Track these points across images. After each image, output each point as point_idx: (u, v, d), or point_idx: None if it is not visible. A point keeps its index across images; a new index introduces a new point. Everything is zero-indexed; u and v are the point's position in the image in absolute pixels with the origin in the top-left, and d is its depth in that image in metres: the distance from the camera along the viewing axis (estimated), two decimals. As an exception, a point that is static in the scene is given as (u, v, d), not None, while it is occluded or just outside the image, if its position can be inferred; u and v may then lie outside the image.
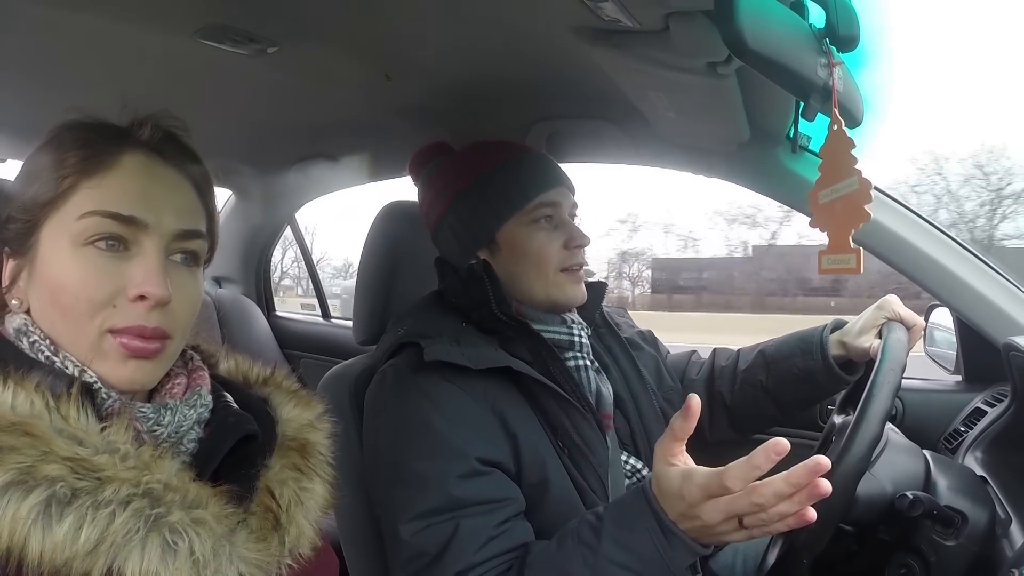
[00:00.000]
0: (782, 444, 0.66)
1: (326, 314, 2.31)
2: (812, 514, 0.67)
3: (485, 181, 1.02)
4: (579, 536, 0.78)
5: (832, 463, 0.77)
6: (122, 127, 0.62)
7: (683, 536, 0.73)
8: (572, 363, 1.02)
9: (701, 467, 0.72)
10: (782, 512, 0.66)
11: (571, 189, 1.07)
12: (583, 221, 1.08)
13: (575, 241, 1.03)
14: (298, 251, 2.38)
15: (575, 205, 1.07)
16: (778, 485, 0.66)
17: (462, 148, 1.10)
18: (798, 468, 0.66)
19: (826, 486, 0.65)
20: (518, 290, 1.02)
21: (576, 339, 1.03)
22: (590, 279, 1.09)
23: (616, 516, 0.78)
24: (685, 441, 0.74)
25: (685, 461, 0.74)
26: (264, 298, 2.30)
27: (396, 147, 1.51)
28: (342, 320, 2.25)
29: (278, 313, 2.34)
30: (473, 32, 0.96)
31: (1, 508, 0.46)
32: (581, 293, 1.04)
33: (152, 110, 0.63)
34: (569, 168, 1.10)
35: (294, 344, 2.23)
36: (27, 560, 0.46)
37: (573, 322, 1.05)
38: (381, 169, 1.72)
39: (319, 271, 2.43)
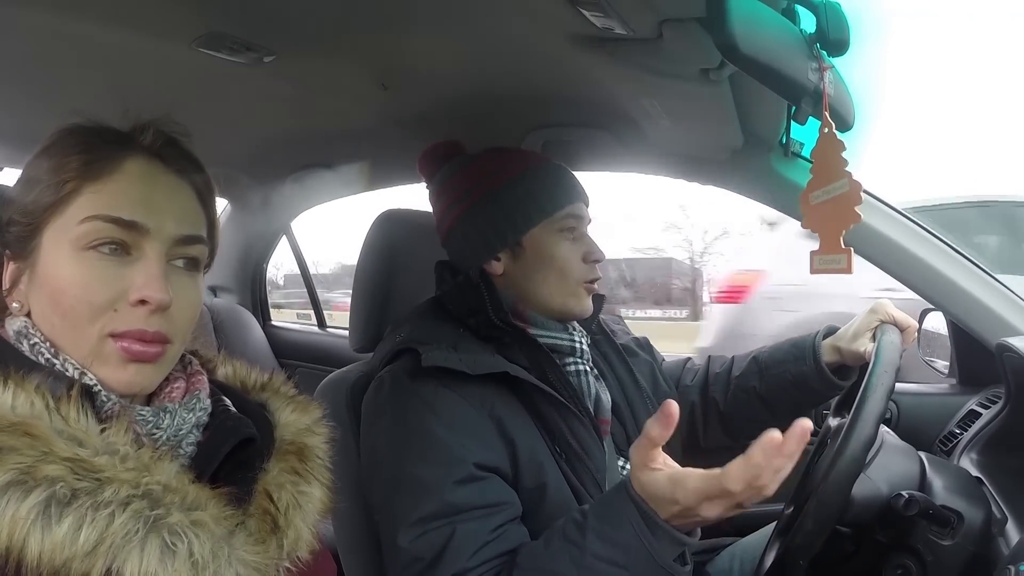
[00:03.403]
0: (776, 436, 0.67)
1: (322, 323, 2.31)
2: None
3: (515, 184, 1.03)
4: (565, 534, 0.79)
5: (827, 466, 0.78)
6: (124, 132, 0.62)
7: (667, 527, 0.73)
8: (572, 368, 1.02)
9: (691, 470, 0.72)
10: (782, 477, 0.68)
11: (588, 205, 1.08)
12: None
13: (593, 255, 1.04)
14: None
15: (590, 220, 1.08)
16: (778, 463, 0.67)
17: (482, 151, 1.09)
18: (789, 441, 0.67)
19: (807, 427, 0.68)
20: (533, 294, 1.02)
21: (577, 345, 1.03)
22: None
23: (600, 512, 0.78)
24: (661, 446, 0.74)
25: (665, 462, 0.75)
26: (260, 308, 2.30)
27: (393, 156, 1.52)
28: (338, 329, 2.24)
29: (274, 323, 2.33)
30: (468, 41, 0.96)
31: (1, 508, 0.46)
32: (591, 306, 1.06)
33: (152, 116, 0.64)
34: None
35: (290, 353, 2.22)
36: (26, 560, 0.46)
37: (574, 328, 1.05)
38: (378, 178, 1.73)
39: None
